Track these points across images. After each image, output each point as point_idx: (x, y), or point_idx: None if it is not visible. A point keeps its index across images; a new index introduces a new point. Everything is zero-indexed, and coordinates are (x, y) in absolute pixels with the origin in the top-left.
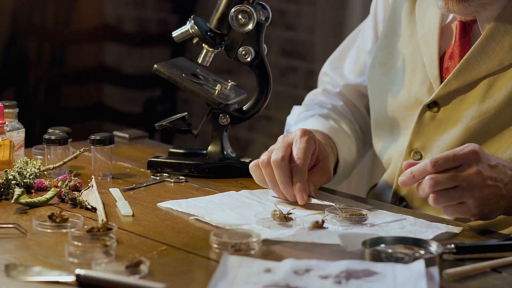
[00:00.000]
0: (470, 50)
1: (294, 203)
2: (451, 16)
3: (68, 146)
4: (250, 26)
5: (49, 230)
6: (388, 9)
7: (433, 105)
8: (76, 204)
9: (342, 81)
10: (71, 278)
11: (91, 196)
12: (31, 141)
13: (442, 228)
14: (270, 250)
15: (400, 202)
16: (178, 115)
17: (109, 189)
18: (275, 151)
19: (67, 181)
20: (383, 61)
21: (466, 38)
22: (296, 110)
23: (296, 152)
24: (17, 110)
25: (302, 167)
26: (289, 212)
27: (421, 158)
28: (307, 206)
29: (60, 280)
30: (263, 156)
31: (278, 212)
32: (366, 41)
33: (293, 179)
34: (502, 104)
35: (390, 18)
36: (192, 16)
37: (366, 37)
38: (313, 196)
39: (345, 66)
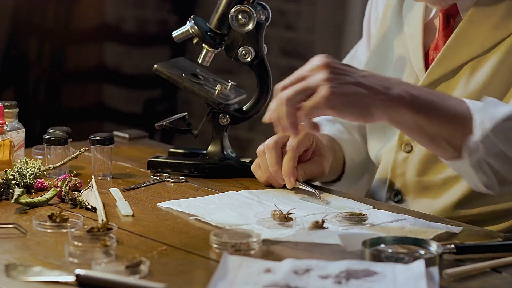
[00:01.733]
0: (450, 37)
1: (294, 203)
2: (433, 12)
3: (68, 146)
4: (250, 26)
5: (49, 230)
6: (379, 18)
7: None
8: (76, 204)
9: None
10: (71, 278)
11: (91, 196)
12: (31, 141)
13: (442, 228)
14: (270, 250)
15: (395, 196)
16: (178, 115)
17: (109, 189)
18: (271, 137)
19: (67, 181)
20: (376, 65)
21: (449, 28)
22: None
23: (291, 141)
24: (17, 110)
25: (293, 153)
26: (289, 212)
27: (411, 150)
28: (307, 206)
29: (60, 280)
30: (261, 146)
31: (278, 212)
32: (362, 55)
33: (283, 163)
34: (485, 86)
35: (381, 24)
36: (192, 16)
37: (363, 52)
38: (300, 181)
39: None
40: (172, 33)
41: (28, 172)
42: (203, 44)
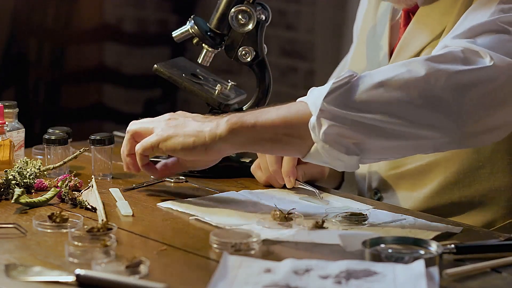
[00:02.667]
0: (406, 29)
1: (294, 203)
2: (400, 13)
3: (68, 146)
4: (250, 26)
5: (49, 230)
6: (360, 23)
7: None
8: (76, 204)
9: None
10: (71, 278)
11: (91, 196)
12: (31, 141)
13: (442, 228)
14: (270, 250)
15: (375, 194)
16: None
17: (109, 189)
18: None
19: (67, 181)
20: (354, 63)
21: (408, 24)
22: None
23: None
24: (17, 110)
25: None
26: (289, 212)
27: None
28: (307, 206)
29: (60, 280)
30: None
31: (278, 212)
32: None
33: (282, 163)
34: None
35: (362, 28)
36: (192, 16)
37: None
38: (300, 180)
39: None
40: (172, 33)
41: (28, 172)
42: (203, 44)
